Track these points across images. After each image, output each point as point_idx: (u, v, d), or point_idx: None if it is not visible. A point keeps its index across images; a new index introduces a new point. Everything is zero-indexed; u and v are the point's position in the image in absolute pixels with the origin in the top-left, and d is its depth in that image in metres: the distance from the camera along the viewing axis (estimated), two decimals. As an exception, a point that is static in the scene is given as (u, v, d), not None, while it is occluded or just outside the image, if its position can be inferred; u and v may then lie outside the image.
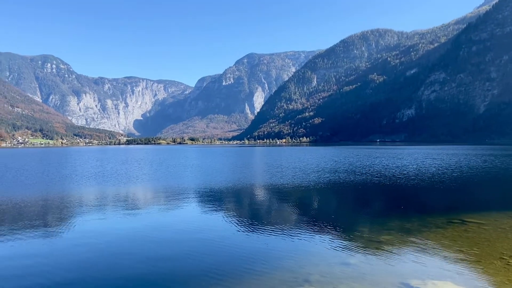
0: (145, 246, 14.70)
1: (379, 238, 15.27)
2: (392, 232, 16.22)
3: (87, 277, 11.32)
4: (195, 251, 13.82)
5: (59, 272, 11.69)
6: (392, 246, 14.20)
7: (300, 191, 29.94)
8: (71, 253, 13.83)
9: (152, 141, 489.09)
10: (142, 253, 13.75)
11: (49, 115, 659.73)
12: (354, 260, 12.66)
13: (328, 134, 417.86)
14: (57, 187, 33.49)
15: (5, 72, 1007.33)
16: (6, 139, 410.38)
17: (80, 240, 15.71)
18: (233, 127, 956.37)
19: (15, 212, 21.58)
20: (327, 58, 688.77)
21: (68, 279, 11.16)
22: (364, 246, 14.25)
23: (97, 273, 11.63)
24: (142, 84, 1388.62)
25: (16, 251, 14.06)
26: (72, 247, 14.66)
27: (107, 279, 11.00)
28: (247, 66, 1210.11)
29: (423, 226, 17.16)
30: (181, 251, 13.95)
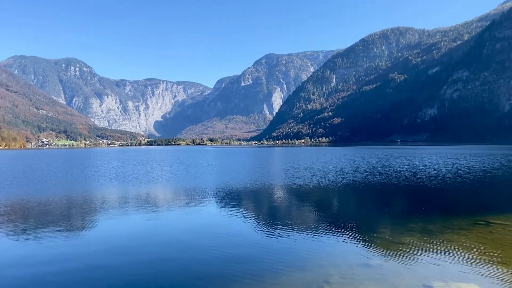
0: (166, 245, 14.85)
1: (401, 240, 15.01)
2: (414, 234, 15.92)
3: (108, 276, 11.50)
4: (214, 250, 13.88)
5: (81, 270, 11.88)
6: (414, 247, 13.94)
7: (319, 191, 29.74)
8: (92, 252, 14.06)
9: (172, 142, 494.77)
10: (162, 252, 13.89)
11: (73, 117, 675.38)
12: (375, 261, 12.49)
13: (348, 134, 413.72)
14: (80, 187, 34.23)
15: (31, 75, 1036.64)
16: (32, 140, 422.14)
17: (102, 239, 15.97)
18: (251, 127, 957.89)
19: (40, 211, 22.16)
20: (347, 57, 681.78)
21: (89, 277, 11.31)
22: (385, 247, 14.03)
23: (118, 273, 11.81)
24: (162, 86, 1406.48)
25: (40, 249, 14.41)
26: (94, 246, 14.91)
27: (127, 279, 11.07)
28: (266, 67, 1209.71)
29: (446, 228, 16.79)
30: (201, 250, 14.01)
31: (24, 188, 33.50)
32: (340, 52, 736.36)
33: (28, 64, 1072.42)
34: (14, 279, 11.03)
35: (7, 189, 32.60)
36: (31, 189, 32.64)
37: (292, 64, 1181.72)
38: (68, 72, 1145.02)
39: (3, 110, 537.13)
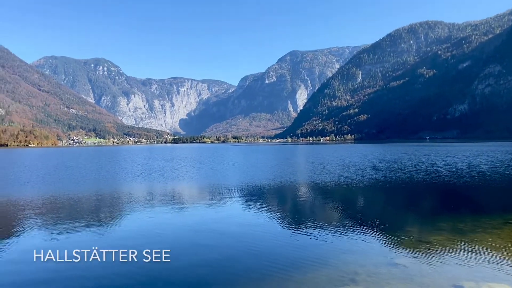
0: (191, 241, 15.05)
1: (429, 239, 14.65)
2: (443, 233, 15.50)
3: (136, 271, 11.68)
4: (239, 246, 14.00)
5: (110, 264, 12.08)
6: (444, 247, 13.58)
7: (343, 189, 29.41)
8: (120, 247, 14.37)
9: (197, 140, 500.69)
10: (188, 248, 14.10)
11: (101, 115, 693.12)
12: (403, 260, 12.23)
13: (374, 131, 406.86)
14: (109, 183, 35.14)
15: (61, 75, 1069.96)
16: (62, 138, 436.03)
17: (129, 234, 16.30)
18: (275, 125, 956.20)
19: (71, 207, 22.85)
20: (373, 53, 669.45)
21: (117, 272, 11.53)
22: (413, 246, 13.73)
23: (145, 268, 11.96)
24: (187, 84, 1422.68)
25: (70, 243, 14.76)
26: (122, 241, 15.20)
27: (154, 274, 11.14)
28: (290, 64, 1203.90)
29: (476, 227, 16.26)
30: (225, 246, 14.12)
31: (56, 184, 34.66)
32: (366, 47, 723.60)
33: (59, 65, 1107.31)
34: (44, 271, 11.27)
35: (40, 185, 33.80)
36: (62, 185, 33.72)
37: (317, 61, 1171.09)
38: (97, 71, 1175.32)
39: (35, 109, 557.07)
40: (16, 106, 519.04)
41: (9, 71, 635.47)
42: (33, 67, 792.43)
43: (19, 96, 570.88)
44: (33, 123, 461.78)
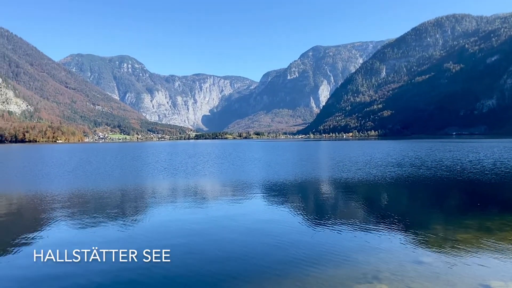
0: (213, 236, 15.17)
1: (455, 237, 14.29)
2: (470, 231, 15.11)
3: (159, 266, 11.81)
4: (260, 244, 13.99)
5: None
6: (470, 245, 13.23)
7: (365, 185, 29.02)
8: (143, 241, 14.61)
9: (219, 136, 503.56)
10: (210, 243, 14.20)
11: (126, 112, 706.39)
12: (428, 258, 11.99)
13: (399, 127, 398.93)
14: (133, 178, 35.86)
15: (87, 72, 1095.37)
16: (89, 134, 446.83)
17: (152, 229, 16.61)
18: (298, 121, 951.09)
19: (96, 201, 23.48)
20: (397, 47, 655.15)
21: (140, 266, 11.70)
22: (438, 244, 13.44)
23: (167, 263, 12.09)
24: (210, 81, 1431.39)
25: (94, 237, 15.18)
26: (145, 235, 15.53)
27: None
28: (312, 59, 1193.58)
29: (504, 225, 15.78)
30: (246, 243, 14.12)
31: (82, 179, 35.59)
32: (391, 42, 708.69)
33: (85, 62, 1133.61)
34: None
35: (67, 180, 34.77)
36: (88, 180, 34.60)
37: (340, 56, 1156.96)
38: (121, 69, 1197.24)
39: (63, 106, 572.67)
40: (44, 103, 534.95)
41: (38, 69, 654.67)
42: (60, 64, 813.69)
43: (47, 93, 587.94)
44: (61, 120, 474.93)
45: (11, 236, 15.30)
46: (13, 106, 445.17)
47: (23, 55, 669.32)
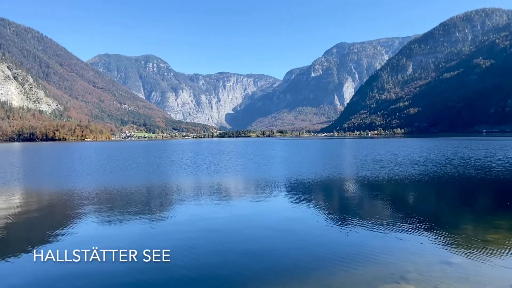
0: (237, 234, 15.20)
1: (485, 237, 13.77)
2: (500, 231, 14.55)
3: (184, 263, 11.90)
4: (284, 243, 13.83)
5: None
6: (501, 245, 12.73)
7: (391, 184, 28.41)
8: (168, 238, 14.80)
9: (243, 134, 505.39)
10: (233, 241, 14.21)
11: (151, 110, 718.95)
12: (457, 259, 11.59)
13: (426, 125, 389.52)
14: (158, 176, 36.41)
15: (114, 72, 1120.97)
16: (116, 133, 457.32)
17: (177, 226, 16.72)
18: (321, 119, 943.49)
19: (122, 198, 23.88)
20: (425, 43, 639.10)
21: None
22: (468, 244, 12.95)
23: (191, 260, 12.18)
24: (233, 79, 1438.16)
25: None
26: (169, 233, 15.69)
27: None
28: (336, 56, 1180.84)
29: (539, 226, 15.07)
30: (271, 242, 13.97)
31: (110, 176, 36.41)
32: (418, 37, 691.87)
33: (112, 62, 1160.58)
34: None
35: (95, 177, 35.65)
36: (115, 177, 35.35)
37: (365, 53, 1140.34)
38: (147, 68, 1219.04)
39: (91, 105, 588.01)
40: (73, 102, 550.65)
41: (67, 69, 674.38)
42: (88, 64, 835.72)
43: (76, 92, 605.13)
44: (89, 118, 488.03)
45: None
46: (43, 105, 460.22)
47: (53, 55, 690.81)
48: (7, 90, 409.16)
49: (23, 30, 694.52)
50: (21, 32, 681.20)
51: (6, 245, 13.94)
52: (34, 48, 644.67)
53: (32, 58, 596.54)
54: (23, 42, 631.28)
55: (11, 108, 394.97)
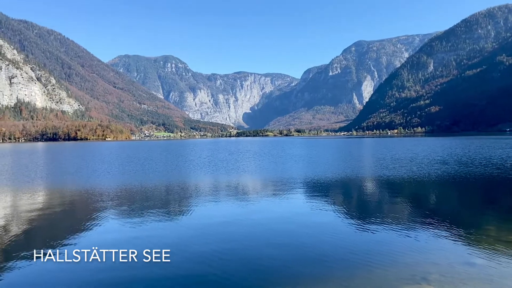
0: (255, 232, 15.17)
1: (509, 238, 13.46)
2: (526, 232, 14.11)
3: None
4: (304, 243, 13.77)
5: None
6: (527, 247, 12.34)
7: (411, 183, 27.91)
8: (187, 236, 14.94)
9: (260, 133, 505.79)
10: (252, 239, 14.21)
11: (170, 110, 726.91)
12: (480, 260, 11.33)
13: (447, 124, 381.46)
14: (177, 175, 36.77)
15: (134, 73, 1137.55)
16: (135, 132, 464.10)
17: (196, 224, 16.78)
18: (340, 118, 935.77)
19: (142, 196, 24.19)
20: (446, 40, 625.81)
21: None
22: (491, 245, 12.65)
23: (208, 257, 12.25)
24: (251, 78, 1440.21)
25: (141, 231, 15.65)
26: (189, 230, 15.79)
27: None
28: (355, 55, 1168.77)
29: None
30: (290, 241, 13.92)
31: (130, 175, 36.98)
32: (439, 34, 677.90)
33: (131, 63, 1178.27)
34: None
35: (115, 176, 36.26)
36: (131, 176, 35.87)
37: (384, 51, 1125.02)
38: (166, 68, 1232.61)
39: (111, 105, 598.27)
40: (94, 102, 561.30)
41: (88, 70, 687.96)
42: (109, 65, 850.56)
43: (96, 93, 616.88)
44: (109, 118, 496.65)
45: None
46: (66, 105, 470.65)
47: (75, 57, 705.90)
48: (30, 91, 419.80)
49: (45, 32, 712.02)
50: (44, 34, 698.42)
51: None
52: (57, 50, 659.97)
53: (54, 60, 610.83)
54: (46, 44, 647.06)
55: (34, 108, 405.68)
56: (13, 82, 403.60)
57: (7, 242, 14.08)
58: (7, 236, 14.98)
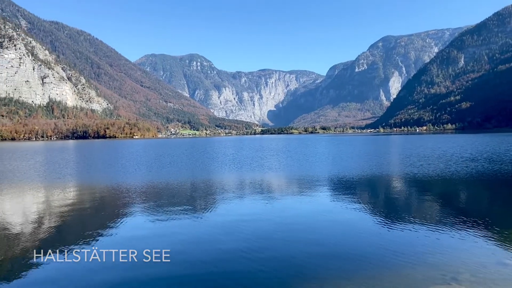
0: (280, 230, 14.99)
1: (547, 238, 12.74)
2: None
3: (225, 257, 12.00)
4: (330, 240, 13.56)
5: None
6: None
7: (442, 182, 27.03)
8: (212, 233, 14.97)
9: (285, 131, 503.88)
10: (276, 237, 14.06)
11: (195, 108, 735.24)
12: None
13: (479, 120, 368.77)
14: (202, 172, 37.16)
15: (160, 71, 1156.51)
16: (161, 130, 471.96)
17: (221, 221, 16.86)
18: (366, 115, 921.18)
19: (169, 193, 24.50)
20: (477, 34, 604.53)
21: (209, 257, 11.96)
22: (526, 245, 12.07)
23: (232, 255, 12.25)
24: (275, 76, 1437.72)
25: (168, 227, 15.86)
26: (213, 227, 15.84)
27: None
28: (382, 50, 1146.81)
29: None
30: (317, 238, 13.73)
31: (156, 172, 37.62)
32: (470, 28, 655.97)
33: (158, 62, 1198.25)
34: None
35: (143, 173, 36.88)
36: (162, 172, 36.44)
37: (413, 46, 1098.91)
38: (191, 67, 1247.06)
39: (138, 104, 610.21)
40: (122, 101, 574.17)
41: (116, 70, 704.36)
42: (136, 65, 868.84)
43: (124, 92, 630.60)
44: (137, 117, 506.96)
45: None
46: (95, 104, 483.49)
47: (104, 56, 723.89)
48: (62, 90, 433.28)
49: (75, 33, 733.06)
50: (74, 35, 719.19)
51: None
52: (86, 50, 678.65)
53: (84, 60, 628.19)
54: (76, 44, 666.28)
55: (65, 107, 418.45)
56: (45, 81, 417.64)
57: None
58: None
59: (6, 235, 14.76)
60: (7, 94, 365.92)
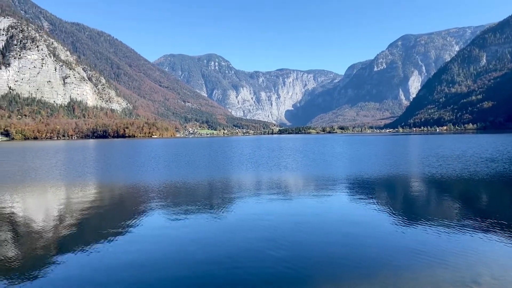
0: (296, 229, 14.98)
1: None
2: None
3: (242, 255, 12.11)
4: (345, 238, 13.53)
5: (217, 248, 12.52)
6: None
7: (462, 182, 26.49)
8: (229, 232, 15.06)
9: (302, 131, 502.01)
10: (293, 237, 14.05)
11: (213, 108, 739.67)
12: (536, 264, 10.73)
13: (502, 120, 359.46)
14: (219, 171, 37.41)
15: (178, 71, 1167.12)
16: (180, 130, 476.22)
17: (237, 219, 16.97)
18: (385, 114, 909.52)
19: (186, 191, 24.77)
20: (500, 32, 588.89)
21: (226, 255, 12.07)
22: (550, 249, 11.75)
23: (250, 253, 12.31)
24: (293, 75, 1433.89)
25: (185, 225, 16.00)
26: (230, 226, 15.92)
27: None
28: (402, 49, 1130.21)
29: None
30: (332, 239, 13.69)
31: (175, 171, 38.07)
32: (492, 26, 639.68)
33: (176, 62, 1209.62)
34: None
35: (162, 172, 37.39)
36: (180, 171, 36.85)
37: (433, 44, 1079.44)
38: (209, 67, 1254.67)
39: (157, 104, 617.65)
40: (141, 101, 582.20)
41: (135, 70, 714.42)
42: (155, 65, 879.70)
43: (143, 92, 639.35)
44: (155, 116, 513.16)
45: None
46: (115, 104, 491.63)
47: (123, 57, 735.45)
48: (82, 90, 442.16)
49: (96, 34, 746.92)
50: (95, 36, 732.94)
51: (6, 244, 13.47)
52: (106, 51, 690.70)
53: (104, 60, 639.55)
54: (96, 45, 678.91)
55: (86, 107, 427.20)
56: (66, 82, 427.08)
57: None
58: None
59: (28, 232, 15.06)
60: (30, 94, 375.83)
